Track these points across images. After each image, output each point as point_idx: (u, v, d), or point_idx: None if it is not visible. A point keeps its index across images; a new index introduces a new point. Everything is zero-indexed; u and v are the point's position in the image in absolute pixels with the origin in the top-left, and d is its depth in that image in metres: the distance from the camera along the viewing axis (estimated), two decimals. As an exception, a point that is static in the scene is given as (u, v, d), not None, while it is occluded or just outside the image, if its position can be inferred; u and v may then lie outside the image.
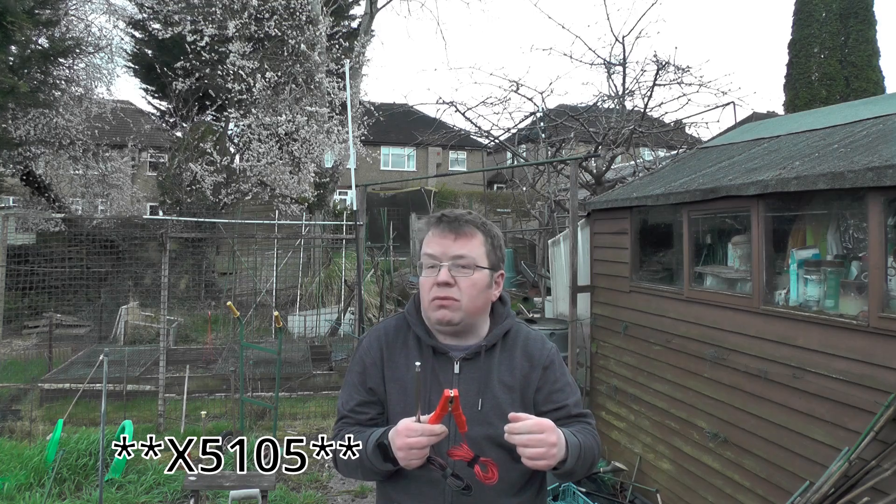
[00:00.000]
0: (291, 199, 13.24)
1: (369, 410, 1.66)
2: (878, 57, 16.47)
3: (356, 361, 1.71)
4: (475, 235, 1.62)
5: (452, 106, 9.68)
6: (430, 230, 1.64)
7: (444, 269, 1.58)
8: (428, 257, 1.61)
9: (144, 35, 16.24)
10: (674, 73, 8.56)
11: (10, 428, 6.08)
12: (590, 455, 1.61)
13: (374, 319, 10.32)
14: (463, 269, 1.58)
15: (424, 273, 1.62)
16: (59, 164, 13.47)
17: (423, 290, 1.63)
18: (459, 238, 1.60)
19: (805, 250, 3.39)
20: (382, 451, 1.50)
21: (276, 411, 5.97)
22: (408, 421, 1.45)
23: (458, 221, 1.61)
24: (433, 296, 1.58)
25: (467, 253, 1.59)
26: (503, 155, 20.38)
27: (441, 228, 1.61)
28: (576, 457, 1.52)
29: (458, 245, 1.59)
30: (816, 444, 3.07)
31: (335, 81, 12.98)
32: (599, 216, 5.38)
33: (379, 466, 1.53)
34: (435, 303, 1.58)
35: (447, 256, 1.58)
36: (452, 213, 1.65)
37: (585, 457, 1.58)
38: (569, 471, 1.54)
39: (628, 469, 4.77)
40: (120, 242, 11.87)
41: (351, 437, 1.61)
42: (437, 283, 1.57)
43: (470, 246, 1.60)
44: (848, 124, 3.96)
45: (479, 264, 1.60)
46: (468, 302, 1.58)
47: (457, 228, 1.60)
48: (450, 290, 1.57)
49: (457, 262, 1.58)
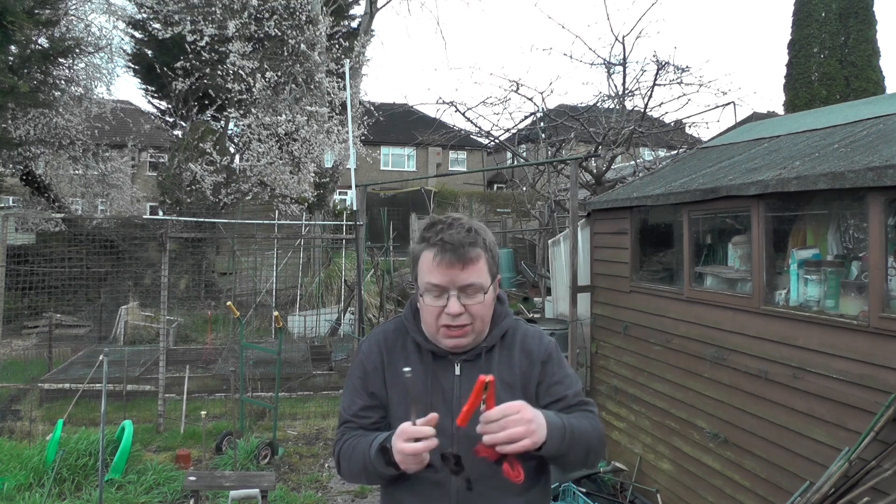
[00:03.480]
0: (291, 199, 13.24)
1: (372, 415, 1.65)
2: (878, 57, 16.48)
3: (357, 366, 1.70)
4: (480, 258, 1.54)
5: (452, 106, 9.69)
6: (430, 255, 1.52)
7: (453, 299, 1.51)
8: (433, 286, 1.52)
9: (144, 35, 16.24)
10: (674, 73, 8.59)
11: (9, 428, 6.08)
12: (582, 438, 1.54)
13: (374, 319, 10.32)
14: (473, 295, 1.53)
15: (428, 300, 1.54)
16: (59, 164, 13.47)
17: (427, 315, 1.57)
18: (467, 266, 1.51)
19: (805, 250, 3.39)
20: (385, 454, 1.49)
21: (276, 411, 5.97)
22: (406, 424, 1.44)
23: (463, 248, 1.50)
24: (443, 324, 1.54)
25: (476, 280, 1.52)
26: (503, 155, 20.39)
27: (447, 258, 1.50)
28: (560, 438, 1.47)
29: (467, 273, 1.51)
30: (816, 444, 3.07)
31: (335, 81, 12.98)
32: (599, 216, 5.38)
33: (381, 470, 1.51)
34: (445, 331, 1.55)
35: (455, 286, 1.51)
36: (454, 237, 1.51)
37: (577, 439, 1.52)
38: (557, 453, 1.48)
39: (628, 469, 4.77)
40: (120, 242, 11.87)
41: (354, 441, 1.61)
42: (449, 313, 1.52)
43: (477, 271, 1.53)
44: (848, 124, 3.96)
45: (486, 286, 1.55)
46: (479, 323, 1.57)
47: (463, 256, 1.50)
48: (461, 319, 1.53)
49: (465, 291, 1.52)
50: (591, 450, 1.59)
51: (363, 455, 1.56)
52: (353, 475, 1.64)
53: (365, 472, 1.57)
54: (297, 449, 5.90)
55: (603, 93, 10.06)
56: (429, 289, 1.54)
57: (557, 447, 1.47)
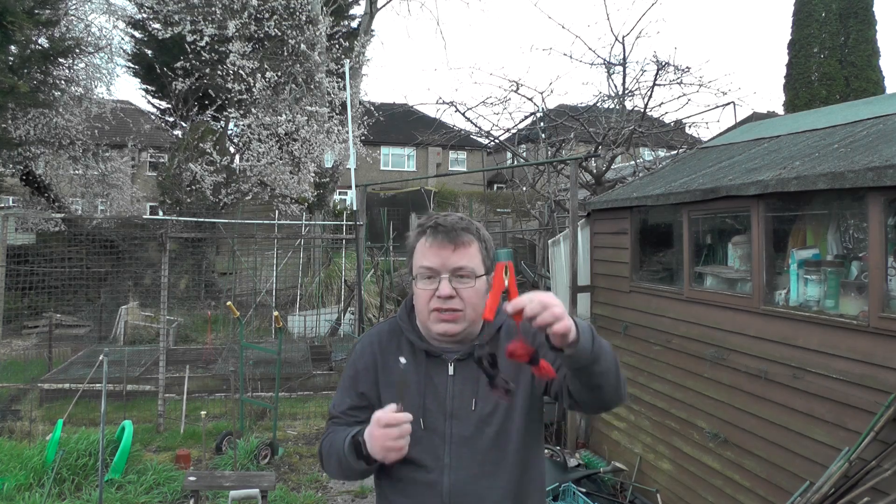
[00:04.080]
0: (291, 199, 13.24)
1: (360, 414, 1.65)
2: (878, 57, 16.47)
3: (349, 365, 1.72)
4: (472, 243, 1.56)
5: (452, 106, 9.67)
6: (424, 239, 1.57)
7: (444, 281, 1.53)
8: (425, 269, 1.55)
9: (144, 35, 16.24)
10: (674, 73, 8.56)
11: (9, 428, 6.07)
12: (609, 352, 1.45)
13: (374, 319, 10.32)
14: (464, 279, 1.54)
15: (420, 284, 1.56)
16: (59, 164, 13.46)
17: (420, 300, 1.58)
18: (458, 248, 1.54)
19: (805, 250, 3.39)
20: (356, 447, 1.51)
21: (276, 411, 5.97)
22: (380, 411, 1.45)
23: (455, 230, 1.55)
24: (434, 307, 1.55)
25: (467, 263, 1.54)
26: (503, 155, 20.39)
27: (438, 239, 1.54)
28: (590, 337, 1.37)
29: (458, 256, 1.54)
30: (816, 444, 3.07)
31: (335, 81, 12.98)
32: (599, 216, 5.38)
33: (353, 464, 1.52)
34: (436, 315, 1.55)
35: (446, 268, 1.53)
36: (446, 220, 1.57)
37: (604, 348, 1.42)
38: (590, 354, 1.37)
39: (628, 469, 4.77)
40: (120, 242, 11.87)
41: (333, 436, 1.64)
42: (439, 296, 1.53)
43: (469, 255, 1.55)
44: (848, 124, 3.96)
45: (478, 273, 1.56)
46: (471, 311, 1.56)
47: (455, 238, 1.54)
48: (452, 303, 1.54)
49: (457, 273, 1.54)
50: (619, 372, 1.50)
51: (339, 449, 1.57)
52: (332, 470, 1.66)
53: (339, 465, 1.59)
54: (297, 449, 5.91)
55: (603, 93, 10.05)
56: (421, 272, 1.56)
57: (589, 346, 1.37)
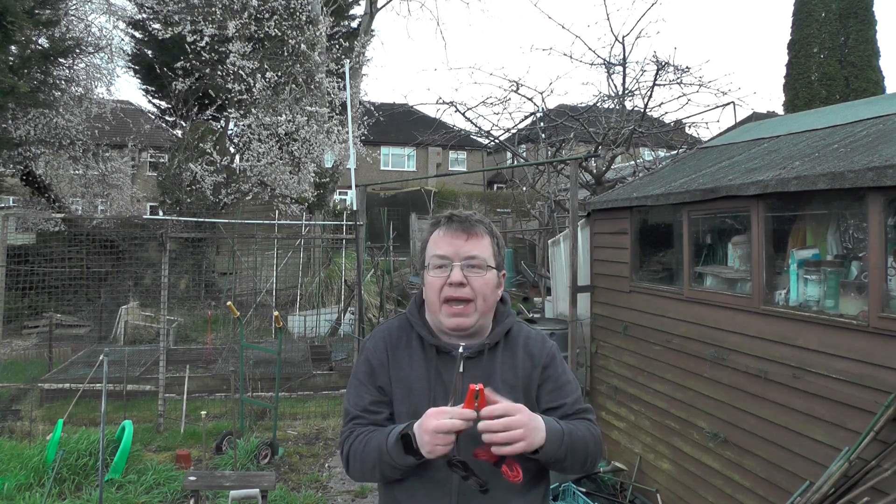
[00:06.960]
0: (291, 199, 13.24)
1: (383, 409, 1.63)
2: (878, 57, 16.47)
3: (363, 362, 1.69)
4: (485, 236, 1.63)
5: (452, 106, 9.67)
6: (438, 230, 1.64)
7: (456, 268, 1.58)
8: (438, 258, 1.60)
9: (144, 35, 16.25)
10: (674, 74, 8.57)
11: (10, 428, 6.08)
12: (581, 445, 1.56)
13: (374, 319, 10.32)
14: (475, 269, 1.59)
15: (433, 273, 1.61)
16: (59, 164, 13.46)
17: (431, 289, 1.61)
18: (471, 238, 1.61)
19: (805, 250, 3.39)
20: (405, 442, 1.47)
21: (276, 411, 5.97)
22: (437, 407, 1.45)
23: (469, 222, 1.62)
24: (446, 296, 1.58)
25: (479, 253, 1.60)
26: (503, 155, 20.38)
27: (453, 228, 1.61)
28: (558, 443, 1.48)
29: (471, 245, 1.60)
30: (816, 444, 3.07)
31: (335, 81, 12.98)
32: (599, 216, 5.38)
33: (399, 461, 1.49)
34: (447, 307, 1.58)
35: (459, 257, 1.59)
36: (462, 213, 1.65)
37: (575, 446, 1.53)
38: (555, 458, 1.50)
39: (628, 469, 4.77)
40: (120, 242, 11.87)
41: (366, 436, 1.58)
42: (451, 283, 1.57)
43: (481, 246, 1.61)
44: (848, 124, 3.96)
45: (490, 264, 1.61)
46: (481, 302, 1.59)
47: (468, 229, 1.61)
48: (463, 291, 1.57)
49: (469, 262, 1.59)
50: (589, 456, 1.62)
51: (378, 447, 1.53)
52: (364, 472, 1.61)
53: (380, 465, 1.54)
54: (298, 449, 5.91)
55: (603, 93, 10.05)
56: (434, 261, 1.61)
57: (555, 452, 1.49)
